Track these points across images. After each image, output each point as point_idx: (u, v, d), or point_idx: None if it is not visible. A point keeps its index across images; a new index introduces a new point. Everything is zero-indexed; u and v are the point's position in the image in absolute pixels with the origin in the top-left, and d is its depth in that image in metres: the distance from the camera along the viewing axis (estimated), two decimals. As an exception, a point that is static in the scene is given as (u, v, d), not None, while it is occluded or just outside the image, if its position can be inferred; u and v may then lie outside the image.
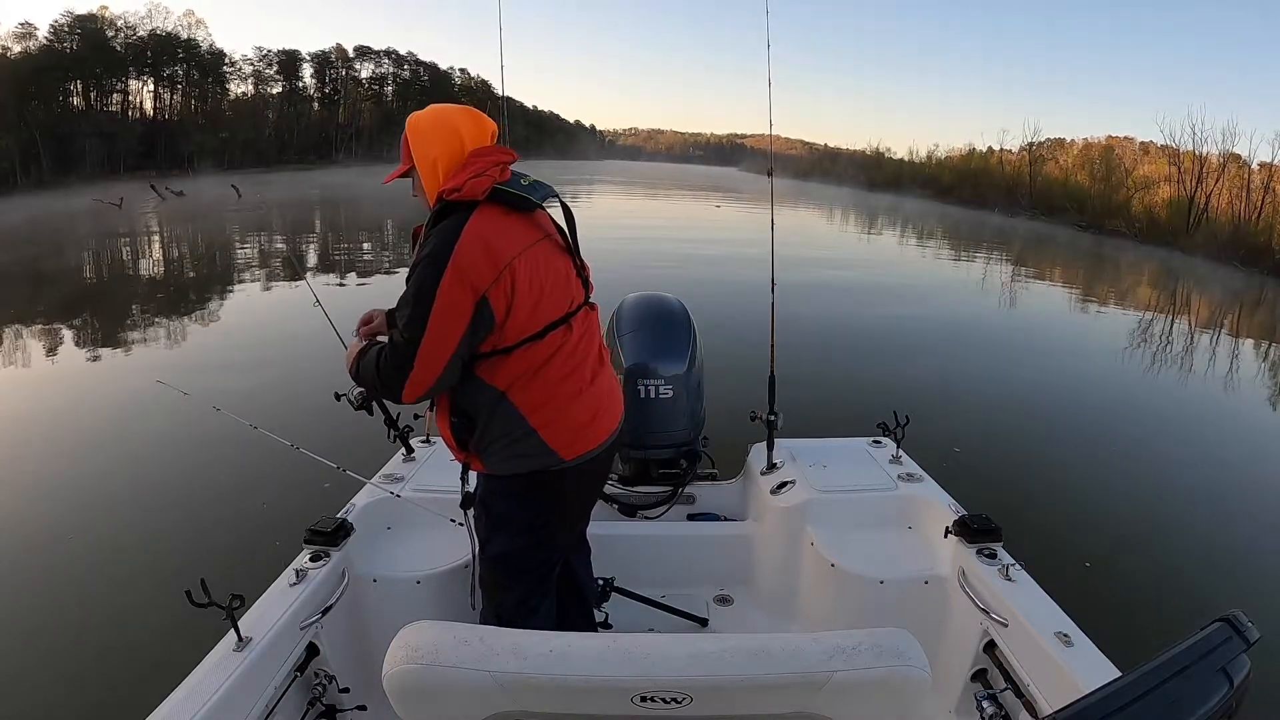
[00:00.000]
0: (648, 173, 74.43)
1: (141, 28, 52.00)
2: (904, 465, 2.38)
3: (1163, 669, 0.63)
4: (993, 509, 1.99)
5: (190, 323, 8.94)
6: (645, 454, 2.46)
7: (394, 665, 0.96)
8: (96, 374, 6.70)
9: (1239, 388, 7.89)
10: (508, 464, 1.54)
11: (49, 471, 4.42)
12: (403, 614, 1.28)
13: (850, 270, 14.11)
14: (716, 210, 29.06)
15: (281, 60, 61.70)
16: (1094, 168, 37.58)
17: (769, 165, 2.71)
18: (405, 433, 2.34)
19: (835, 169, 57.18)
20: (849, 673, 0.94)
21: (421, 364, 1.40)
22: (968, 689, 1.78)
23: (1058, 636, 1.52)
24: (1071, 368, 7.86)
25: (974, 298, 12.61)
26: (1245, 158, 27.82)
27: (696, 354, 2.52)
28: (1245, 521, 4.25)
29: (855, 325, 9.05)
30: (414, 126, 1.53)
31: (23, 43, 45.06)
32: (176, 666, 1.40)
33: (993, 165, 43.14)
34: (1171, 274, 19.04)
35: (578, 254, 1.64)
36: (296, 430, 2.45)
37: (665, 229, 20.63)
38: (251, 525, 3.58)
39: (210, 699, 1.31)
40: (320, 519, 1.91)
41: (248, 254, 15.34)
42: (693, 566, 2.36)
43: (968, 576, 1.85)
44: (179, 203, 27.86)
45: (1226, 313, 14.11)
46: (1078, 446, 5.31)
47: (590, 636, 1.06)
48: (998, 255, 19.88)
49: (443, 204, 1.45)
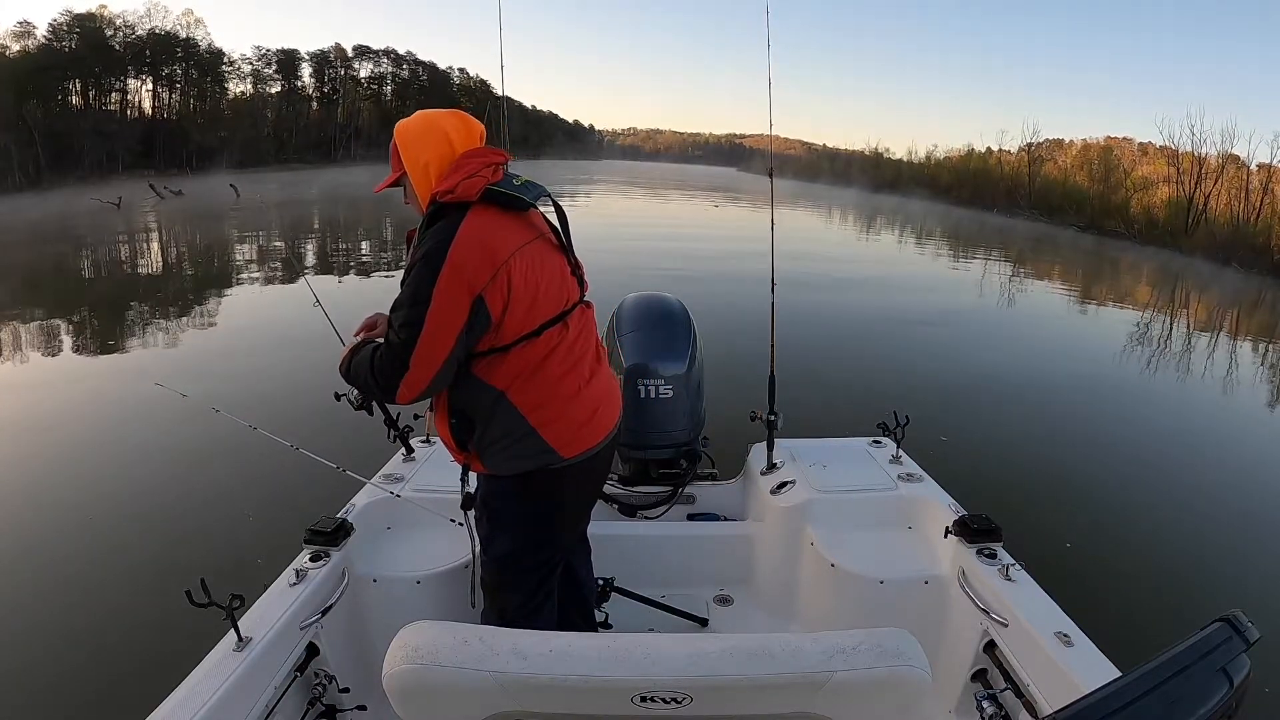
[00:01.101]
0: (647, 173, 74.40)
1: (140, 27, 51.94)
2: (904, 465, 2.39)
3: (1163, 669, 0.63)
4: (993, 509, 1.99)
5: (189, 323, 8.92)
6: (645, 454, 2.46)
7: (394, 665, 0.96)
8: (94, 376, 6.68)
9: (1239, 388, 7.90)
10: (508, 463, 1.54)
11: (48, 473, 4.42)
12: (402, 614, 1.28)
13: (850, 270, 14.12)
14: (715, 210, 29.08)
15: (280, 60, 61.63)
16: (1093, 168, 37.61)
17: (769, 165, 2.71)
18: (405, 433, 2.34)
19: (834, 169, 57.11)
20: (849, 673, 0.94)
21: (417, 364, 1.40)
22: (968, 689, 1.78)
23: (1058, 636, 1.52)
24: (1071, 368, 7.86)
25: (974, 298, 12.62)
26: (1244, 159, 27.87)
27: (696, 354, 2.53)
28: (1245, 521, 4.25)
29: (855, 325, 9.06)
30: (402, 133, 1.53)
31: (21, 41, 45.06)
32: (176, 666, 1.40)
33: (992, 166, 43.15)
34: (1170, 275, 19.06)
35: (572, 252, 1.64)
36: (296, 431, 2.45)
37: (665, 229, 20.63)
38: (251, 525, 3.58)
39: (210, 699, 1.31)
40: (320, 519, 1.91)
41: (247, 254, 15.32)
42: (693, 566, 2.36)
43: (968, 576, 1.85)
44: (178, 202, 27.86)
45: (1225, 314, 14.12)
46: (1078, 446, 5.31)
47: (590, 636, 1.06)
48: (997, 256, 19.89)
49: (436, 206, 1.45)
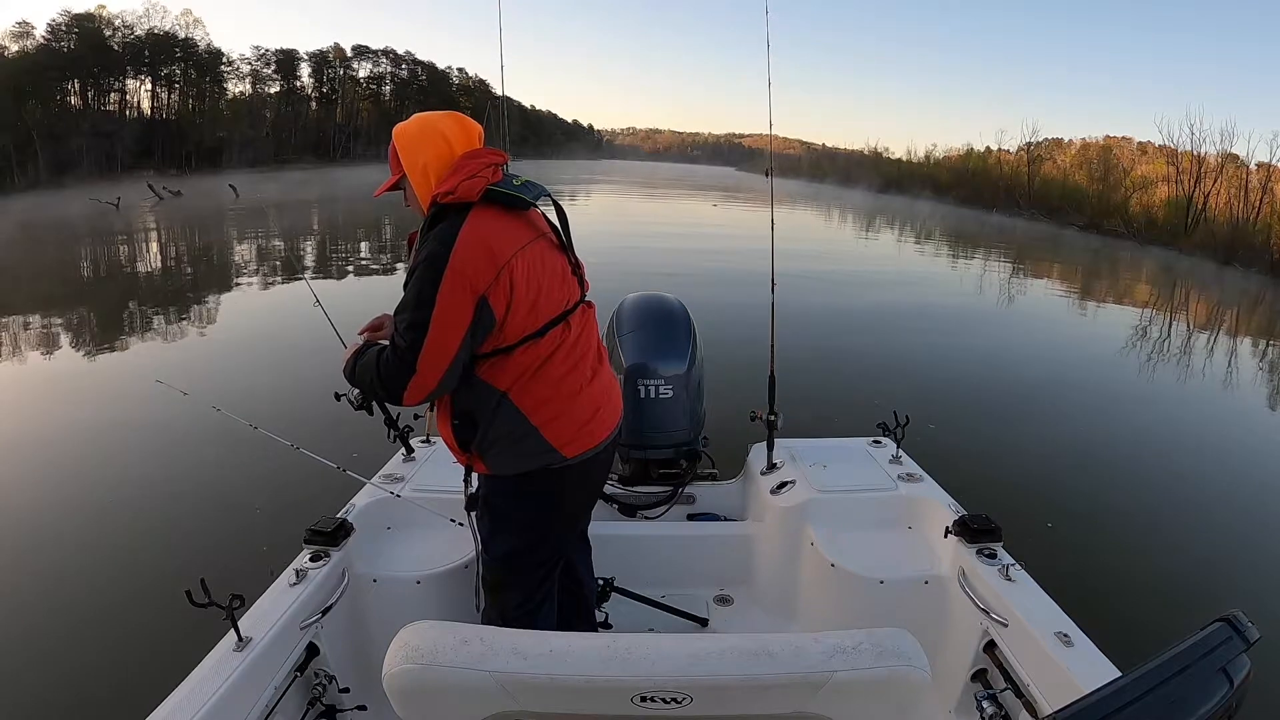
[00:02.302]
0: (645, 172, 74.39)
1: (139, 27, 52.06)
2: (904, 465, 2.39)
3: (1163, 669, 0.63)
4: (993, 509, 1.99)
5: (189, 323, 8.92)
6: (645, 454, 2.47)
7: (394, 665, 0.96)
8: (95, 374, 6.69)
9: (1239, 387, 7.89)
10: (510, 464, 1.54)
11: (48, 472, 4.41)
12: (402, 614, 1.28)
13: (849, 270, 14.12)
14: (713, 209, 29.09)
15: (279, 59, 61.68)
16: (1092, 168, 37.58)
17: (768, 165, 2.71)
18: (405, 433, 2.35)
19: (833, 169, 57.02)
20: (849, 673, 0.94)
21: (425, 367, 1.41)
22: (968, 689, 1.78)
23: (1058, 636, 1.52)
24: (1072, 368, 7.85)
25: (973, 297, 12.61)
26: (1243, 158, 27.86)
27: (696, 354, 2.53)
28: (1245, 521, 4.25)
29: (855, 325, 9.05)
30: (401, 136, 1.54)
31: (20, 42, 45.15)
32: (176, 666, 1.40)
33: (991, 165, 43.11)
34: (1170, 274, 19.04)
35: (572, 252, 1.64)
36: (296, 430, 2.45)
37: (664, 228, 20.62)
38: (251, 525, 3.57)
39: (210, 699, 1.31)
40: (320, 519, 1.91)
41: (246, 254, 15.32)
42: (693, 566, 2.36)
43: (968, 576, 1.85)
44: (176, 202, 27.82)
45: (1225, 313, 14.11)
46: (1078, 446, 5.30)
47: (590, 636, 1.06)
48: (997, 255, 19.88)
49: (437, 208, 1.45)
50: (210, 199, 27.90)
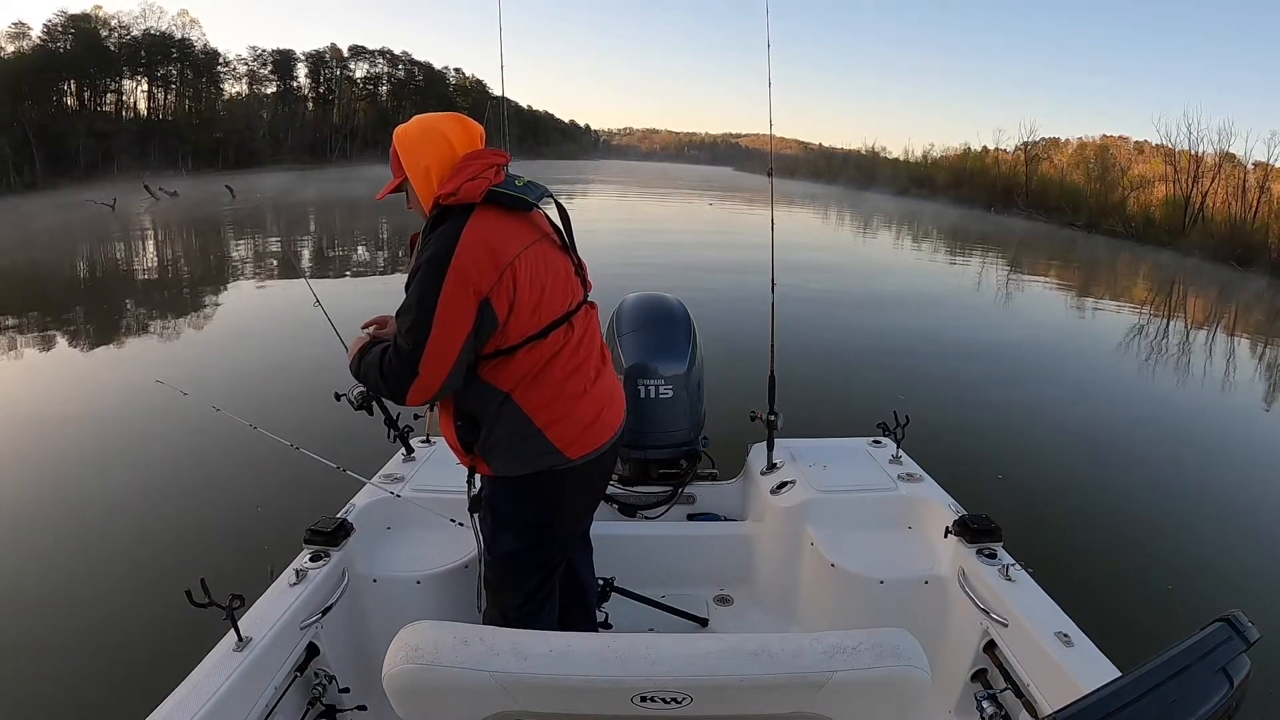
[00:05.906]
0: (644, 172, 74.36)
1: (135, 27, 52.03)
2: (904, 465, 2.39)
3: (1163, 669, 0.64)
4: (993, 509, 1.99)
5: (188, 323, 8.92)
6: (645, 454, 2.46)
7: (394, 665, 0.96)
8: (95, 374, 6.68)
9: (1238, 387, 7.90)
10: (513, 465, 1.54)
11: (48, 472, 4.41)
12: (403, 614, 1.28)
13: (848, 269, 14.13)
14: (710, 209, 29.09)
15: (276, 60, 61.69)
16: (1089, 167, 37.58)
17: (769, 165, 2.70)
18: (405, 433, 2.34)
19: (831, 168, 56.97)
20: (849, 673, 0.94)
21: (427, 369, 1.40)
22: (968, 689, 1.78)
23: (1058, 636, 1.52)
24: (1071, 367, 7.87)
25: (973, 297, 12.63)
26: (1240, 157, 27.88)
27: (696, 354, 2.53)
28: (1245, 521, 4.25)
29: (855, 325, 9.05)
30: (402, 138, 1.53)
31: (16, 42, 45.06)
32: (176, 666, 1.40)
33: (988, 164, 43.11)
34: (1168, 274, 19.07)
35: (575, 252, 1.64)
36: (296, 430, 2.45)
37: (663, 228, 20.63)
38: (251, 525, 3.57)
39: (210, 699, 1.31)
40: (320, 519, 1.91)
41: (244, 254, 15.31)
42: (693, 566, 2.36)
43: (968, 576, 1.85)
44: (173, 203, 27.79)
45: (1223, 312, 14.14)
46: (1078, 446, 5.31)
47: (590, 636, 1.06)
48: (994, 255, 19.91)
49: (439, 209, 1.45)
50: (207, 200, 27.85)
